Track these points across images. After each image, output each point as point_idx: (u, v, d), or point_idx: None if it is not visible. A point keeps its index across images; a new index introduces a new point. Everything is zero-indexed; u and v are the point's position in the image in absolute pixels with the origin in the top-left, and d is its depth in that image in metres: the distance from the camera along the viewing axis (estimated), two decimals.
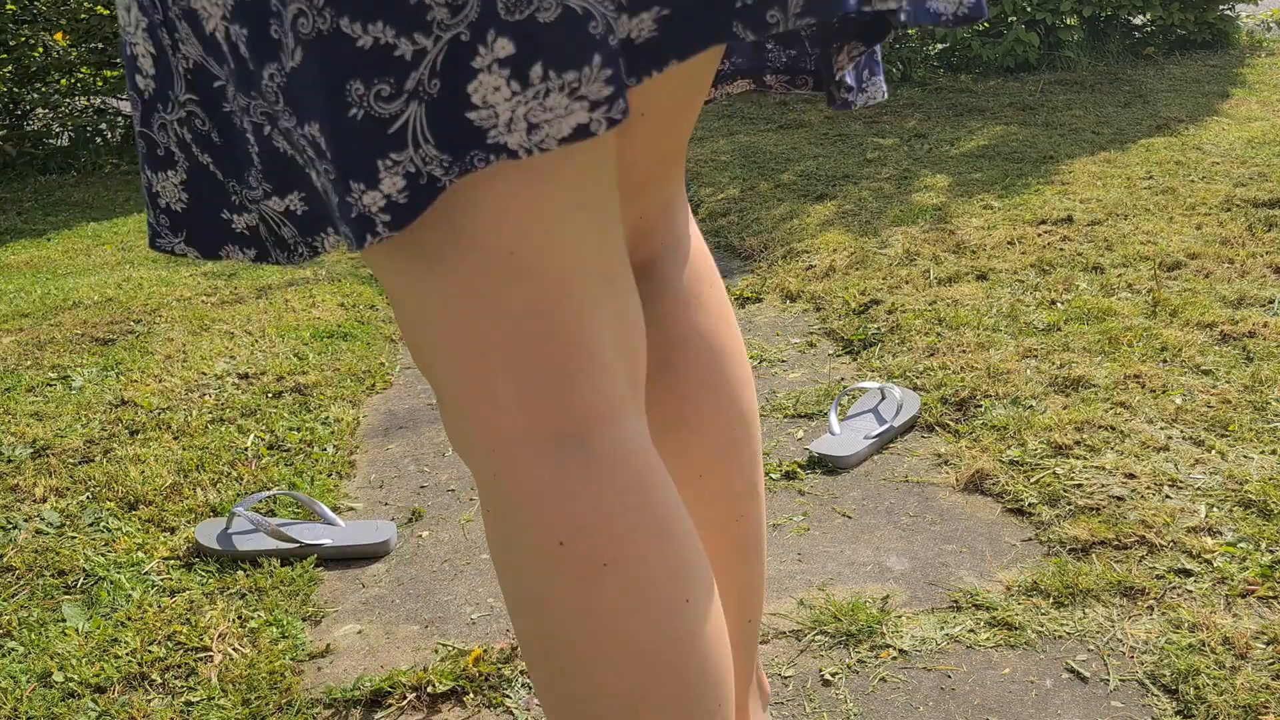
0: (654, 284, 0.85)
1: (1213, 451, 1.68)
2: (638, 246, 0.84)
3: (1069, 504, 1.57)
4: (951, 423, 1.88)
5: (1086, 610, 1.35)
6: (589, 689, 0.66)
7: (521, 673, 1.30)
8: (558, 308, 0.64)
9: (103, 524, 1.70)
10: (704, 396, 0.87)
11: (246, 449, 1.94)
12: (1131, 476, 1.63)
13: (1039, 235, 2.85)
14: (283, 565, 1.56)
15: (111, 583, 1.54)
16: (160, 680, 1.33)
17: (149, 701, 1.29)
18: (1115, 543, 1.47)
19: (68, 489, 1.83)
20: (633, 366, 0.70)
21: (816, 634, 1.35)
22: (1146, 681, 1.22)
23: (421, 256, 0.64)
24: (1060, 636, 1.31)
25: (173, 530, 1.68)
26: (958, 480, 1.69)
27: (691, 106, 0.78)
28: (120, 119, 5.58)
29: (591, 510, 0.65)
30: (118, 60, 5.45)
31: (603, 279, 0.67)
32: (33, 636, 1.43)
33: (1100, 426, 1.78)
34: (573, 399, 0.65)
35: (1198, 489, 1.58)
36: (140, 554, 1.61)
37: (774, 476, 1.75)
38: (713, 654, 0.69)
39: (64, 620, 1.46)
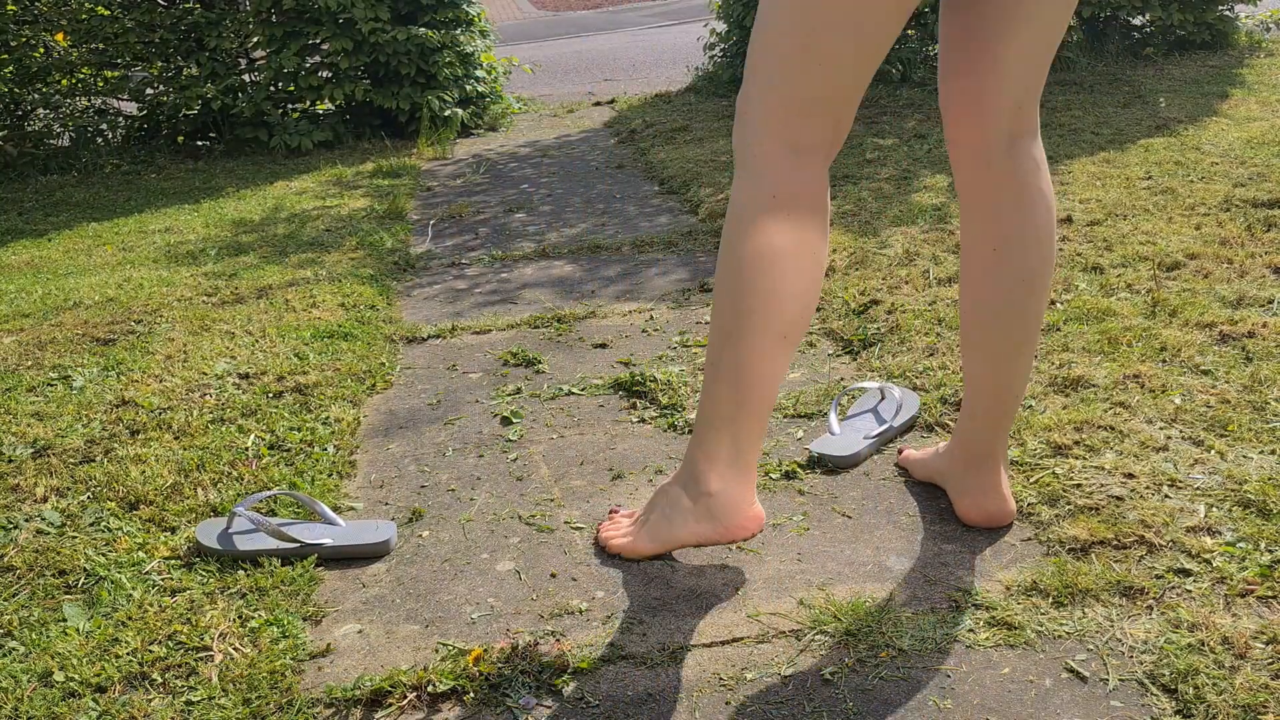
0: (1017, 153, 1.40)
1: (1212, 451, 1.68)
2: (1013, 127, 1.39)
3: (1068, 504, 1.57)
4: (951, 422, 1.88)
5: (1086, 610, 1.35)
6: (739, 271, 1.34)
7: (521, 673, 1.31)
8: (813, 92, 1.31)
9: (103, 524, 1.71)
10: (1025, 210, 1.43)
11: (247, 449, 1.94)
12: (1131, 476, 1.63)
13: None
14: (283, 565, 1.56)
15: (112, 582, 1.54)
16: (161, 680, 1.33)
17: (149, 701, 1.30)
18: (1114, 542, 1.47)
19: (68, 489, 1.83)
20: (832, 141, 1.35)
21: (816, 634, 1.35)
22: (1146, 681, 1.23)
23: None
24: (1060, 636, 1.31)
25: (173, 530, 1.68)
26: None
27: (1053, 15, 1.32)
28: (121, 119, 5.58)
29: (791, 183, 1.33)
30: (118, 61, 5.46)
31: (842, 89, 1.32)
32: (33, 636, 1.43)
33: (1099, 426, 1.78)
34: (798, 134, 1.33)
35: (1197, 489, 1.58)
36: (141, 554, 1.61)
37: (774, 476, 1.75)
38: (785, 283, 1.33)
39: (65, 620, 1.46)
